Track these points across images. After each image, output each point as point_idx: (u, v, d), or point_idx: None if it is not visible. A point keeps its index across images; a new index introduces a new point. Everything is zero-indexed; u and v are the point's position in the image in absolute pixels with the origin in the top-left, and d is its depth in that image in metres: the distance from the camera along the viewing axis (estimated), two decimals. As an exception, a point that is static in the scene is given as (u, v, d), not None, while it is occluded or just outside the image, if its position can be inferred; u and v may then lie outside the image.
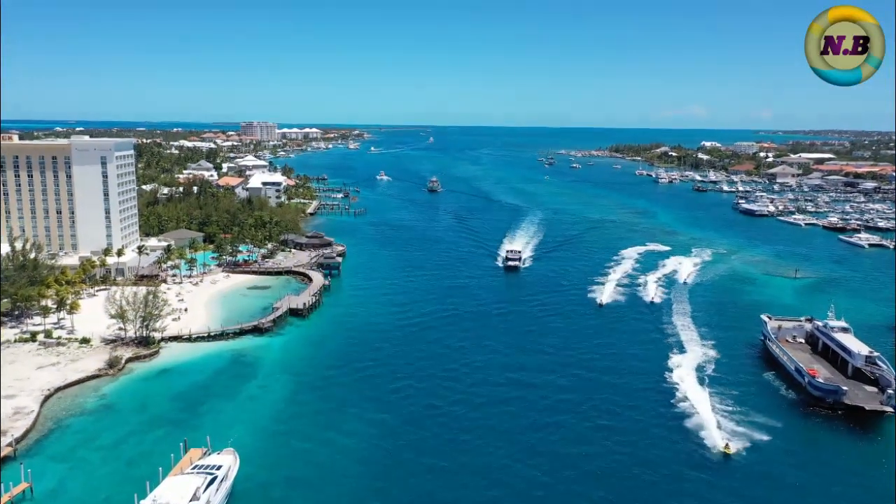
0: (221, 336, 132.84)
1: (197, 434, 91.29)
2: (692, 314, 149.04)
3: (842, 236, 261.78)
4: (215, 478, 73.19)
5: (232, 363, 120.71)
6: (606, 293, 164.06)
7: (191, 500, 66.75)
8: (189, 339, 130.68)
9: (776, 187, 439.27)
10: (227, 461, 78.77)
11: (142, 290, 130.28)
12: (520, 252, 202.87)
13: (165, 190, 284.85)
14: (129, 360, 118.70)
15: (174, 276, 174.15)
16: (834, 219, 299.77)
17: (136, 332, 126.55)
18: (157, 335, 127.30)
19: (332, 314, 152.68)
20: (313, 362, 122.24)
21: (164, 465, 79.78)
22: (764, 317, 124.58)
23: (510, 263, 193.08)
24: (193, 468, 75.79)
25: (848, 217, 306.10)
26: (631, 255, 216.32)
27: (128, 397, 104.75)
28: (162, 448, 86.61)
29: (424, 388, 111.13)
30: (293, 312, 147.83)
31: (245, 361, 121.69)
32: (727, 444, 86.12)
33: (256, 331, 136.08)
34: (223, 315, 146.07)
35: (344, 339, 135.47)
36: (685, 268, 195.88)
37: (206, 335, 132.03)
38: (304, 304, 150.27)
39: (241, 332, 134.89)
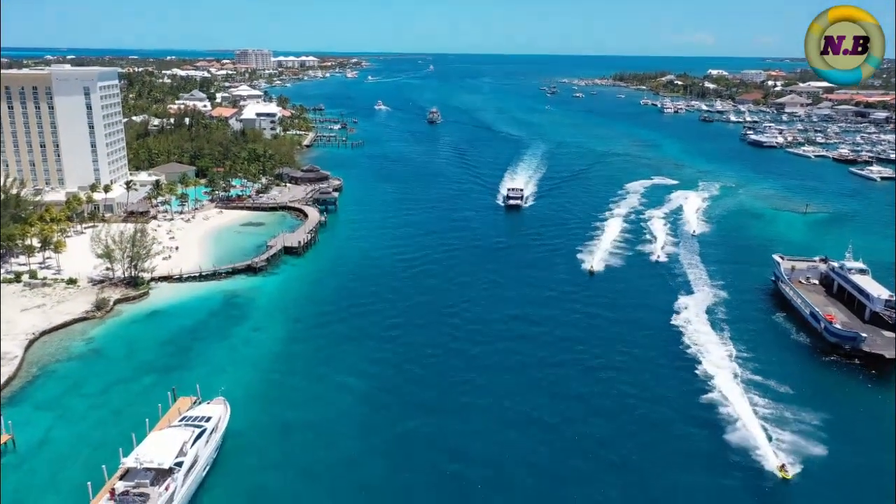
0: (213, 276, 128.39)
1: (187, 381, 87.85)
2: (700, 252, 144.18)
3: (852, 169, 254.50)
4: (204, 430, 69.77)
5: (224, 304, 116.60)
6: (611, 232, 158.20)
7: (176, 458, 63.27)
8: (180, 279, 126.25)
9: (784, 117, 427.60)
10: (217, 411, 75.32)
11: (129, 228, 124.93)
12: (522, 190, 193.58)
13: (156, 121, 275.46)
14: (118, 301, 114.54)
15: (165, 212, 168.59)
16: (844, 150, 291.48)
17: (124, 273, 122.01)
18: (147, 276, 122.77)
19: (329, 251, 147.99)
20: (309, 302, 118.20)
21: (152, 416, 76.37)
22: (776, 257, 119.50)
23: (511, 202, 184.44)
24: (181, 420, 72.32)
25: (859, 148, 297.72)
26: (637, 189, 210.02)
27: (115, 341, 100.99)
28: (150, 396, 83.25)
29: (425, 327, 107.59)
30: (288, 250, 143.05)
31: (238, 303, 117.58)
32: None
33: (250, 270, 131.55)
34: (216, 253, 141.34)
35: (341, 278, 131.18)
36: (692, 203, 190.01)
37: (197, 275, 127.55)
38: (300, 241, 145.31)
39: (234, 272, 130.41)
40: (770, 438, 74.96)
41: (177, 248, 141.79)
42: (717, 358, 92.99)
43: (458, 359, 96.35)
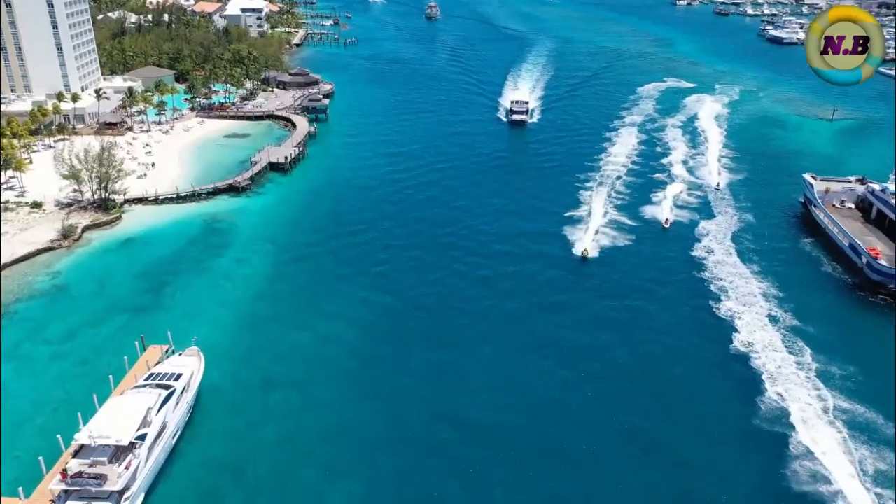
0: (192, 197, 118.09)
1: (159, 324, 79.48)
2: (719, 169, 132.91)
3: (882, 69, 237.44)
4: (172, 392, 61.84)
5: (204, 231, 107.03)
6: (624, 146, 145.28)
7: (138, 430, 55.59)
8: (156, 200, 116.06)
9: (805, 9, 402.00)
10: (190, 366, 67.30)
11: (95, 145, 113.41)
12: (526, 103, 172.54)
13: (134, 18, 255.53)
14: (87, 228, 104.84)
15: (141, 122, 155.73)
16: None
17: (93, 195, 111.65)
18: (119, 198, 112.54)
19: (318, 168, 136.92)
20: (296, 228, 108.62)
21: (117, 371, 68.53)
22: (808, 177, 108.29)
23: (516, 117, 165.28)
24: (148, 378, 64.33)
25: (888, 47, 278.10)
26: (650, 93, 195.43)
27: (83, 276, 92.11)
28: (119, 342, 75.09)
29: (423, 259, 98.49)
30: (274, 167, 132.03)
31: (219, 228, 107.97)
32: None
33: (232, 190, 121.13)
34: (196, 170, 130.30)
35: (331, 199, 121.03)
36: (709, 109, 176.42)
37: (174, 196, 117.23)
38: (287, 157, 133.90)
39: (215, 192, 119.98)
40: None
41: (153, 165, 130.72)
42: (743, 295, 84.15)
43: (459, 299, 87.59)
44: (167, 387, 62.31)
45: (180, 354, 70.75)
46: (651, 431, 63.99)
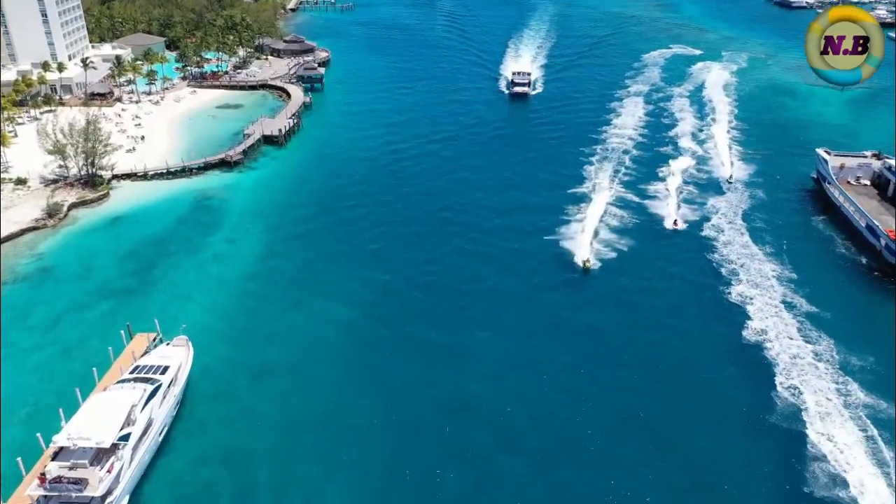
0: (183, 172, 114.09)
1: (148, 308, 76.72)
2: (728, 140, 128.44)
3: (892, 34, 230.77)
4: (159, 386, 58.79)
5: (194, 208, 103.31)
6: (630, 118, 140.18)
7: (121, 430, 52.68)
8: (145, 176, 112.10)
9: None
10: (177, 357, 64.20)
11: (80, 118, 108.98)
12: (529, 74, 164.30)
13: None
14: (73, 205, 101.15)
15: (131, 93, 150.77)
16: (882, 12, 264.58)
17: (80, 171, 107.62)
18: (107, 174, 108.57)
19: (314, 140, 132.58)
20: (290, 205, 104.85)
21: (102, 362, 65.55)
22: (821, 152, 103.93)
23: (517, 89, 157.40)
24: (133, 371, 61.27)
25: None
26: (656, 61, 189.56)
27: (69, 257, 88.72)
28: (105, 330, 72.12)
29: (421, 236, 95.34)
30: (268, 140, 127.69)
31: (210, 206, 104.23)
32: None
33: (224, 165, 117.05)
34: (187, 143, 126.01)
35: (327, 173, 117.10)
36: (716, 77, 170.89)
37: (164, 172, 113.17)
38: (281, 129, 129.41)
39: (206, 167, 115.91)
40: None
41: (142, 138, 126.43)
42: (755, 278, 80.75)
43: (458, 279, 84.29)
44: (153, 381, 59.26)
45: (168, 344, 67.67)
46: (657, 421, 61.20)
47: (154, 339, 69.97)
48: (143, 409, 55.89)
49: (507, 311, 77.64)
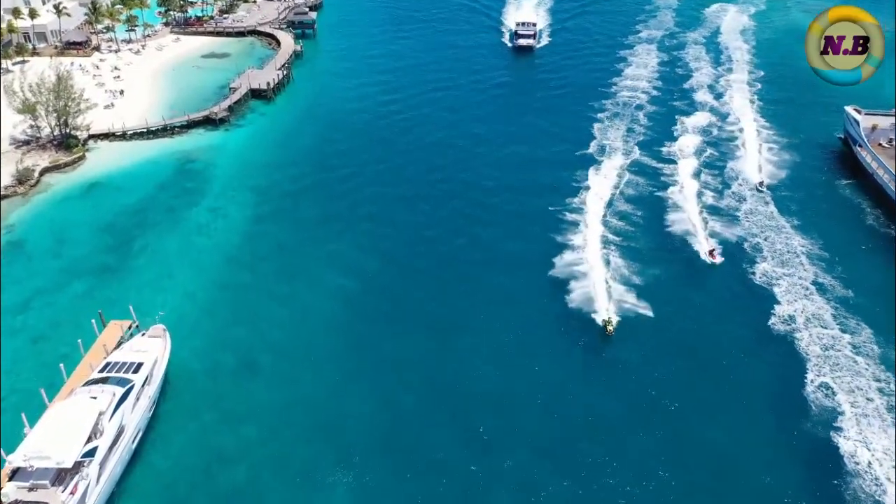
0: (164, 131, 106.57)
1: (124, 290, 71.54)
2: (750, 95, 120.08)
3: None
4: (131, 387, 53.68)
5: (177, 173, 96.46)
6: (642, 69, 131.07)
7: (86, 445, 47.61)
8: (124, 136, 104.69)
9: None
10: (153, 351, 58.87)
11: (50, 74, 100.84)
12: (534, 25, 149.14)
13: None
14: (46, 170, 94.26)
15: (110, 41, 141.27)
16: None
17: (52, 131, 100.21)
18: (82, 134, 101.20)
19: (304, 94, 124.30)
20: (279, 168, 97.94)
21: (72, 353, 60.30)
22: (850, 110, 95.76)
23: (521, 42, 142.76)
24: (103, 369, 55.93)
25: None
26: (668, 3, 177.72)
27: (41, 231, 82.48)
28: (76, 314, 67.07)
29: (419, 209, 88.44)
30: (255, 94, 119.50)
31: (193, 170, 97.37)
32: None
33: (209, 122, 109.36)
34: (170, 97, 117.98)
35: (318, 132, 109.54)
36: (733, 22, 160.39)
37: (144, 131, 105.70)
38: (269, 82, 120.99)
39: (190, 126, 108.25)
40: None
41: (122, 93, 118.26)
42: (781, 254, 74.61)
43: (460, 260, 77.66)
44: (124, 381, 54.07)
45: (143, 334, 62.21)
46: (676, 419, 56.28)
47: (130, 327, 64.60)
48: (112, 416, 50.84)
49: (514, 299, 71.54)
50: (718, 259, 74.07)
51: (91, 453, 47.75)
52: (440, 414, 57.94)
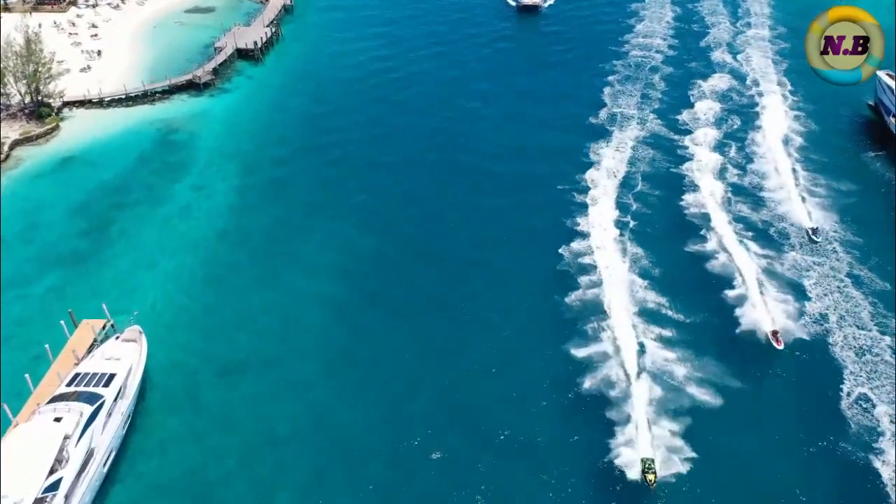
0: (145, 98, 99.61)
1: (101, 280, 66.30)
2: (770, 53, 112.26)
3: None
4: (101, 404, 48.85)
5: (158, 145, 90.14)
6: (655, 24, 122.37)
7: (50, 475, 43.02)
8: (101, 103, 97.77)
9: None
10: (127, 358, 53.91)
11: (17, 37, 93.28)
12: None
13: None
14: (17, 143, 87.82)
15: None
16: None
17: (23, 99, 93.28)
18: (56, 101, 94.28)
19: (295, 54, 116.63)
20: (267, 140, 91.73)
21: (40, 359, 55.36)
22: (883, 75, 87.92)
23: (527, 1, 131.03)
24: (71, 382, 50.92)
25: None
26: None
27: (10, 212, 76.26)
28: (48, 311, 61.95)
29: (418, 181, 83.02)
30: (242, 54, 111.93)
31: (176, 141, 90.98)
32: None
33: (192, 87, 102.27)
34: (150, 58, 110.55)
35: (308, 97, 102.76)
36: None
37: (122, 97, 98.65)
38: (257, 41, 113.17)
39: (172, 91, 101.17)
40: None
41: (99, 53, 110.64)
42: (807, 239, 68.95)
43: (464, 244, 72.05)
44: (94, 397, 49.18)
45: (117, 337, 57.14)
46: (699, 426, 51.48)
47: (104, 327, 59.49)
48: (79, 440, 46.15)
49: (519, 289, 66.16)
50: (781, 344, 56.85)
51: (55, 486, 43.17)
52: (441, 416, 53.29)
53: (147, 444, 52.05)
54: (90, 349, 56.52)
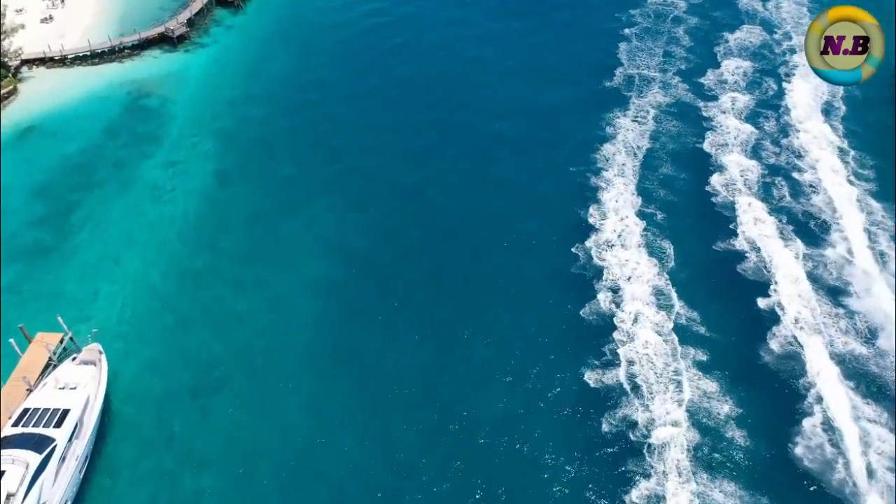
0: (112, 54, 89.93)
1: (60, 280, 59.57)
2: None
3: None
4: (52, 449, 42.78)
5: (127, 112, 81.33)
6: None
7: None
8: (63, 61, 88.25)
9: None
10: (85, 386, 47.66)
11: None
12: None
13: None
14: (-29, 110, 79.30)
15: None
16: None
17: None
18: (12, 61, 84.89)
19: (279, 2, 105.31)
20: (250, 105, 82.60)
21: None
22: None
23: None
24: (18, 422, 44.71)
25: None
26: None
27: (-40, 197, 68.91)
28: (6, 321, 54.89)
29: (415, 160, 74.24)
30: (221, 1, 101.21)
31: (147, 108, 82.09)
32: None
33: (165, 41, 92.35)
34: (119, 7, 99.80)
35: (294, 53, 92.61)
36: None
37: (87, 54, 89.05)
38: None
39: (142, 45, 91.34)
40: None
41: (62, 2, 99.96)
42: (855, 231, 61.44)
43: (469, 238, 64.32)
44: (44, 442, 43.07)
45: (74, 358, 50.62)
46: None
47: (62, 341, 52.94)
48: (25, 497, 40.21)
49: (526, 294, 59.27)
50: None
51: (-7, 563, 37.58)
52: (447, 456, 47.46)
53: (109, 489, 46.24)
54: (44, 371, 50.16)
